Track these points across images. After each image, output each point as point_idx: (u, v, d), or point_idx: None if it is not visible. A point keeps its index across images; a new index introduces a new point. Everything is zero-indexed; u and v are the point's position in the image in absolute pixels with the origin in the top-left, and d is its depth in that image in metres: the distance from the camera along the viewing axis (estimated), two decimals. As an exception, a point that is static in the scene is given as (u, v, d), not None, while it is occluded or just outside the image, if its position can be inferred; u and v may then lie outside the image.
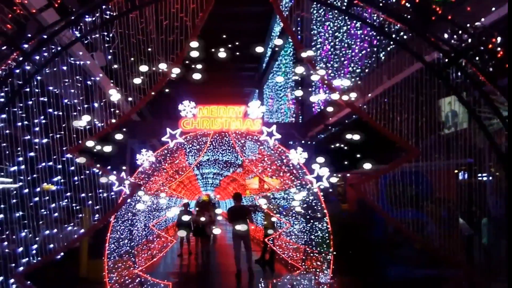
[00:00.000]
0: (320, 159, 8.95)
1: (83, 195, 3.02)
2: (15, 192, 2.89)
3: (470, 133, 5.61)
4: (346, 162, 12.78)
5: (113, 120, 4.43)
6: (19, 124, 3.03)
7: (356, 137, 7.21)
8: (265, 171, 8.97)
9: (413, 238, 4.20)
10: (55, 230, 2.90)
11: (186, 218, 11.37)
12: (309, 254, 8.37)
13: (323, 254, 8.31)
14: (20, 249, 2.76)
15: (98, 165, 3.28)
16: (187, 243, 12.99)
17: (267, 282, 7.92)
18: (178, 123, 8.97)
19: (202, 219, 11.26)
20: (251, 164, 9.77)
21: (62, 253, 2.61)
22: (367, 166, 6.84)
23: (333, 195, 8.90)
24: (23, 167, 3.01)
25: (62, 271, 10.85)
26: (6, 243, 2.77)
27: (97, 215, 3.05)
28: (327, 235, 8.42)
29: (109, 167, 10.15)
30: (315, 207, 8.58)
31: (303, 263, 8.33)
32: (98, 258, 8.38)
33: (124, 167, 8.63)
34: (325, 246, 8.36)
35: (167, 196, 12.09)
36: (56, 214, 2.95)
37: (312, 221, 8.56)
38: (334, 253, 8.18)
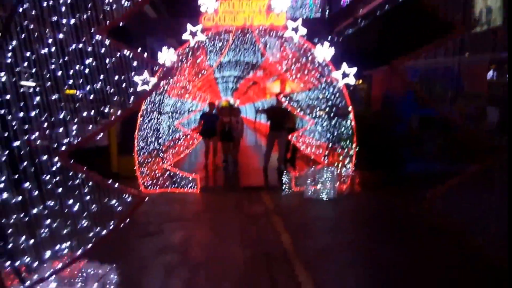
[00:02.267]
0: (347, 56, 8.68)
1: (116, 77, 2.96)
2: (48, 75, 2.86)
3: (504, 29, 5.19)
4: (374, 58, 12.34)
5: None
6: (45, 4, 2.88)
7: (388, 30, 6.77)
8: (289, 70, 8.75)
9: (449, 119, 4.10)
10: (92, 112, 2.90)
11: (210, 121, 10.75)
12: (331, 150, 8.52)
13: (346, 150, 8.45)
14: (61, 129, 2.80)
15: (127, 49, 3.17)
16: (213, 153, 11.15)
17: (290, 176, 8.20)
18: (199, 19, 8.62)
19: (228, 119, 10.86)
20: (275, 63, 9.52)
21: (100, 135, 2.63)
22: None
23: (358, 93, 8.75)
24: (53, 49, 2.93)
25: (94, 168, 11.53)
26: (46, 124, 2.81)
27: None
28: (350, 131, 8.46)
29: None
30: (340, 105, 8.51)
31: (326, 158, 8.54)
32: (127, 155, 8.75)
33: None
34: (348, 142, 8.47)
35: (189, 99, 12.07)
36: (92, 96, 2.94)
37: (336, 118, 8.56)
38: (357, 148, 8.31)
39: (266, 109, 10.07)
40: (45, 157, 2.79)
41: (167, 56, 8.40)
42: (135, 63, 3.16)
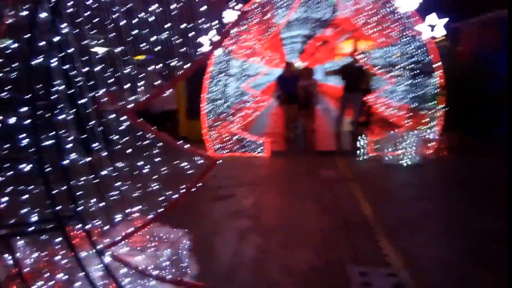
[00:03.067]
0: (432, 6, 7.65)
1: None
2: (112, 25, 2.58)
3: None
4: (462, 9, 10.90)
5: None
6: None
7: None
8: (366, 24, 7.92)
9: None
10: (160, 65, 2.59)
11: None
12: (414, 112, 7.71)
13: (431, 111, 7.60)
14: (128, 85, 2.54)
15: None
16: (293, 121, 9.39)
17: (367, 141, 7.58)
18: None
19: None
20: (349, 18, 8.70)
21: (168, 91, 2.32)
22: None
23: (441, 49, 7.72)
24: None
25: (163, 132, 11.71)
26: (112, 79, 2.57)
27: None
28: (436, 90, 7.57)
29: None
30: (425, 61, 7.59)
31: (408, 121, 7.75)
32: (195, 119, 8.66)
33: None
34: (433, 102, 7.60)
35: (256, 61, 11.62)
36: (159, 47, 2.63)
37: (420, 76, 7.68)
38: (444, 109, 7.43)
39: (339, 68, 9.25)
40: (112, 116, 2.58)
41: (233, 12, 7.99)
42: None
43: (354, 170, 6.92)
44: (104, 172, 2.58)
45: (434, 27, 7.28)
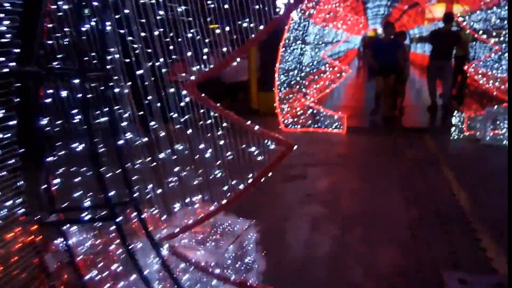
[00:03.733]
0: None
1: None
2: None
3: None
4: None
5: None
6: None
7: None
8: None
9: None
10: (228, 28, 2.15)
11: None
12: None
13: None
14: (190, 53, 2.13)
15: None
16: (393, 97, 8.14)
17: (462, 117, 6.59)
18: None
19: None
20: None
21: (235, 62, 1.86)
22: None
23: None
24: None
25: (234, 104, 11.53)
26: (172, 47, 2.18)
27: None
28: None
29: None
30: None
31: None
32: (268, 91, 8.20)
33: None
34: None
35: (337, 27, 10.69)
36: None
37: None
38: None
39: (430, 33, 8.12)
40: (172, 90, 2.21)
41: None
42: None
43: (447, 151, 6.06)
44: (162, 155, 2.25)
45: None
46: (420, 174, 5.07)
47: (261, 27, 1.96)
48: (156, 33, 2.17)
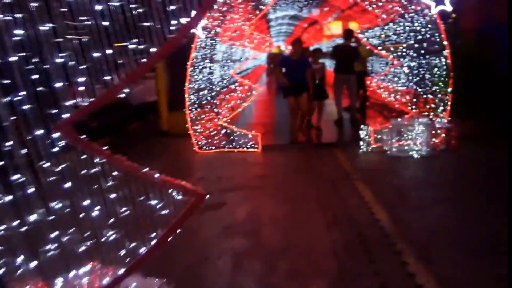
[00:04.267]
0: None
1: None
2: None
3: None
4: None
5: None
6: None
7: None
8: (362, 1, 7.04)
9: None
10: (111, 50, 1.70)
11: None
12: (421, 96, 6.93)
13: (439, 95, 6.84)
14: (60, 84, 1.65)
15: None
16: (305, 117, 7.98)
17: (368, 130, 6.79)
18: None
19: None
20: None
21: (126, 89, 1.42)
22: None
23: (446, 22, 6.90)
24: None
25: (144, 126, 10.86)
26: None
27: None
28: (445, 72, 6.79)
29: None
30: (432, 39, 6.78)
31: (413, 107, 6.98)
32: (178, 111, 7.73)
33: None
34: (442, 85, 6.83)
35: (244, 44, 10.60)
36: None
37: (427, 56, 6.87)
38: (453, 93, 6.66)
39: (333, 48, 8.39)
40: (40, 132, 1.69)
41: (216, -10, 7.03)
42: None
43: (358, 166, 6.13)
44: (34, 217, 1.71)
45: (442, 0, 6.47)
46: (336, 192, 5.00)
47: (153, 49, 1.56)
48: (14, 58, 1.65)
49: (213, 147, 7.41)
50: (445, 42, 6.66)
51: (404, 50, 6.91)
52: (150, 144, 8.52)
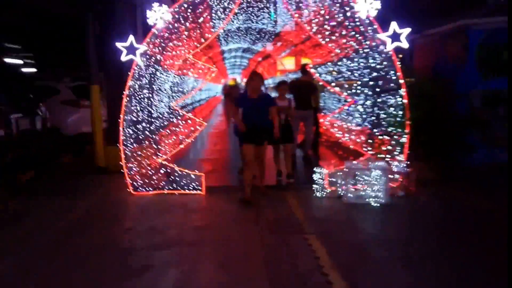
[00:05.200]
0: (398, 12, 6.59)
1: None
2: None
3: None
4: (420, 20, 10.11)
5: None
6: None
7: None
8: (320, 31, 6.61)
9: None
10: None
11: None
12: (376, 137, 6.49)
13: (395, 136, 6.43)
14: None
15: None
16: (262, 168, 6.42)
17: (322, 172, 6.22)
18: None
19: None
20: (298, 26, 7.40)
21: None
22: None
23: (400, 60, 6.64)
24: None
25: (79, 160, 9.75)
26: None
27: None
28: (401, 112, 6.42)
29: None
30: (388, 76, 6.43)
31: (369, 148, 6.50)
32: (116, 145, 6.83)
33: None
34: (398, 125, 6.44)
35: (189, 74, 9.91)
36: None
37: (382, 95, 6.49)
38: (410, 134, 6.29)
39: (290, 83, 7.87)
40: None
41: (159, 14, 6.34)
42: None
43: (312, 215, 5.47)
44: None
45: (398, 36, 6.19)
46: (288, 251, 4.27)
47: None
48: None
49: (151, 189, 6.51)
50: (401, 81, 6.33)
51: (359, 87, 6.49)
52: (80, 181, 7.49)
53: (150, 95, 6.71)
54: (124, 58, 6.40)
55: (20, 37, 14.96)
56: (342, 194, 6.06)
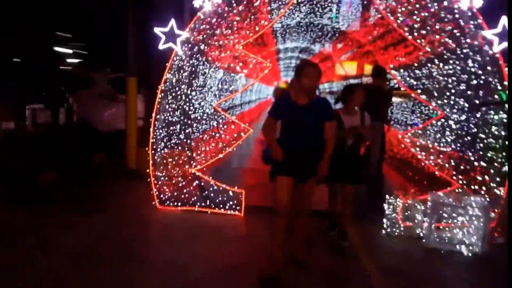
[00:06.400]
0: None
1: None
2: None
3: None
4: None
5: None
6: None
7: None
8: (400, 26, 5.20)
9: None
10: None
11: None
12: (470, 163, 4.98)
13: (495, 164, 4.90)
14: None
15: None
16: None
17: (397, 201, 4.82)
18: None
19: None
20: (383, 14, 5.98)
21: None
22: None
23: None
24: None
25: (111, 161, 8.84)
26: None
27: None
28: (503, 132, 4.90)
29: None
30: (491, 86, 4.92)
31: (459, 177, 5.01)
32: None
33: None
34: (499, 150, 4.92)
35: (240, 72, 8.63)
36: None
37: (483, 108, 4.99)
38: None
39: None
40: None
41: (205, -4, 5.27)
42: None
43: (380, 261, 4.10)
44: None
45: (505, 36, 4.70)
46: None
47: None
48: None
49: (180, 204, 5.43)
50: (508, 92, 4.81)
51: (452, 97, 5.01)
52: (106, 186, 6.58)
53: (189, 92, 5.64)
54: (162, 46, 5.38)
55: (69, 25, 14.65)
56: (421, 235, 4.64)
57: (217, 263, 3.87)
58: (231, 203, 5.33)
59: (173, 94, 5.53)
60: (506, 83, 4.82)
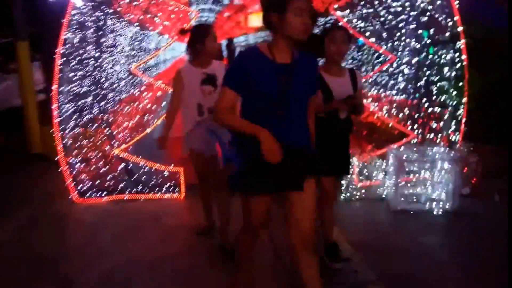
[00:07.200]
0: None
1: None
2: None
3: None
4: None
5: None
6: None
7: None
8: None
9: None
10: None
11: None
12: (425, 110, 4.63)
13: (450, 108, 4.62)
14: None
15: None
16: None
17: (352, 162, 4.36)
18: None
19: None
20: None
21: None
22: None
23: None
24: None
25: (12, 144, 7.39)
26: None
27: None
28: (454, 72, 4.59)
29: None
30: (441, 23, 4.52)
31: (414, 128, 4.65)
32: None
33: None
34: (454, 95, 4.62)
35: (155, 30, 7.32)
36: None
37: (434, 48, 4.59)
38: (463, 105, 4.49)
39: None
40: None
41: None
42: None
43: (348, 233, 3.62)
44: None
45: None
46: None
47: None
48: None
49: (105, 193, 4.44)
50: (459, 28, 4.43)
51: (402, 38, 4.52)
52: (6, 173, 5.35)
53: (98, 55, 4.51)
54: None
55: None
56: (385, 196, 4.26)
57: (163, 268, 3.08)
58: (168, 185, 4.47)
59: (78, 59, 4.36)
60: (456, 18, 4.43)
